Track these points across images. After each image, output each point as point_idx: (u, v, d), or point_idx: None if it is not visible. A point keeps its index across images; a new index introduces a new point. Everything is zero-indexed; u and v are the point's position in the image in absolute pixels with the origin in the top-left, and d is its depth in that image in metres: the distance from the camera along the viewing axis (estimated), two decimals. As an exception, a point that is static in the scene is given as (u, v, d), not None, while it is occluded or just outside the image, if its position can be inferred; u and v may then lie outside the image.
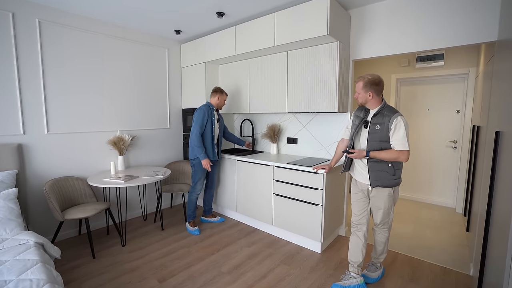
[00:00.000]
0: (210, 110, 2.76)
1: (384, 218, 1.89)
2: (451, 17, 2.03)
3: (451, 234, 2.81)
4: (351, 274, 1.92)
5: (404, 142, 1.69)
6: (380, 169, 1.78)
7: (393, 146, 1.73)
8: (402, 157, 1.70)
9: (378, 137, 1.76)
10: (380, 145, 1.76)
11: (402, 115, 1.73)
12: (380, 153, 1.74)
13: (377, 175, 1.79)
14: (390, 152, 1.72)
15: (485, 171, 1.83)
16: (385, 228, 1.94)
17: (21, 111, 2.37)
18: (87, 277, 2.05)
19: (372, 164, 1.80)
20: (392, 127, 1.70)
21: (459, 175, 3.47)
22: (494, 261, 1.39)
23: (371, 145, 1.79)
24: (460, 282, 2.00)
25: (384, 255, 2.00)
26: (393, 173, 1.78)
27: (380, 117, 1.76)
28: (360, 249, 1.93)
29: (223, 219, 3.13)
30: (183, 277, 2.06)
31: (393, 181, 1.79)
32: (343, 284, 1.88)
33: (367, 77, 1.77)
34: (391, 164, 1.77)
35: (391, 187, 1.80)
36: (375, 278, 2.00)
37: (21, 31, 2.33)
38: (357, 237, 1.95)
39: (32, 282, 1.27)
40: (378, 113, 1.78)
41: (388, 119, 1.72)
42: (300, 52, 2.57)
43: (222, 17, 2.71)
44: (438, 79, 3.61)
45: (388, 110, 1.76)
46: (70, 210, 2.37)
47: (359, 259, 1.92)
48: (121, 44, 3.01)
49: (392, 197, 1.84)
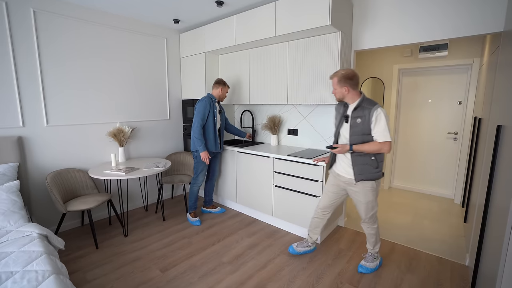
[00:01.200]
0: (212, 101, 2.74)
1: (368, 212, 1.94)
2: (457, 6, 1.98)
3: (449, 225, 2.85)
4: (309, 243, 2.25)
5: (385, 133, 1.72)
6: (364, 163, 1.81)
7: (375, 138, 1.76)
8: (384, 148, 1.74)
9: (360, 130, 1.78)
10: (363, 138, 1.79)
11: (382, 106, 1.75)
12: (363, 146, 1.77)
13: (361, 169, 1.82)
14: (373, 144, 1.75)
15: (485, 164, 1.84)
16: (372, 221, 1.99)
17: (19, 104, 2.35)
18: (90, 267, 2.10)
19: (356, 158, 1.83)
20: (373, 119, 1.73)
21: (459, 167, 3.49)
22: (490, 251, 1.42)
23: (354, 139, 1.81)
24: (456, 272, 2.05)
25: (378, 245, 2.05)
26: (376, 165, 1.81)
27: (360, 111, 1.78)
28: (319, 228, 2.19)
29: (224, 210, 3.17)
30: (185, 267, 2.11)
31: (376, 174, 1.83)
32: (299, 250, 2.22)
33: (341, 72, 1.81)
34: (374, 157, 1.80)
35: (374, 180, 1.84)
36: (373, 268, 2.05)
37: (16, 21, 2.28)
38: (321, 221, 2.16)
39: (37, 273, 1.30)
40: (358, 106, 1.79)
41: (368, 111, 1.74)
42: (301, 42, 2.52)
43: (221, 6, 2.64)
44: (441, 70, 3.56)
45: (367, 102, 1.78)
46: (72, 201, 2.39)
47: (316, 236, 2.21)
48: (119, 34, 2.95)
49: (375, 191, 1.89)
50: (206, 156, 2.68)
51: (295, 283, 1.92)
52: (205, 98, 2.73)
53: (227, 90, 2.88)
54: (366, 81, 4.10)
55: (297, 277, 1.98)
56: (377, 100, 4.02)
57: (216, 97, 2.81)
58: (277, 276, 2.00)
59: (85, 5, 2.64)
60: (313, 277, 1.98)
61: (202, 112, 2.67)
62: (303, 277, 1.99)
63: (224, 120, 3.00)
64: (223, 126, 2.99)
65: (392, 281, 1.94)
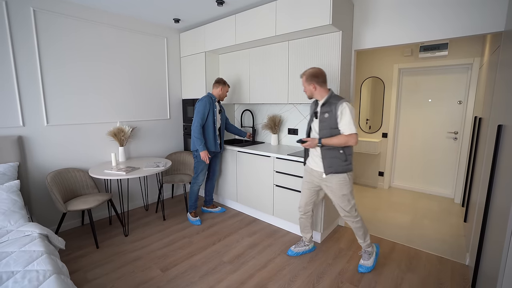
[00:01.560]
0: (212, 101, 2.74)
1: (346, 206, 1.96)
2: (458, 6, 1.98)
3: (449, 224, 2.86)
4: (305, 243, 2.28)
5: (351, 126, 1.81)
6: (333, 156, 1.89)
7: (342, 132, 1.85)
8: (351, 141, 1.81)
9: (328, 124, 1.87)
10: (331, 132, 1.87)
11: (348, 101, 1.88)
12: (331, 139, 1.85)
13: (330, 162, 1.89)
14: (340, 137, 1.83)
15: (486, 164, 1.84)
16: (353, 216, 1.98)
17: (19, 103, 2.35)
18: (91, 267, 2.09)
19: (325, 152, 1.90)
20: (339, 113, 1.82)
21: (459, 166, 3.49)
22: (491, 251, 1.42)
23: (323, 133, 1.90)
24: (456, 271, 2.05)
25: (368, 236, 2.05)
26: (344, 159, 1.88)
27: (328, 106, 1.87)
28: (309, 227, 2.24)
29: (224, 210, 3.17)
30: (185, 266, 2.11)
31: (345, 166, 1.90)
32: (297, 250, 2.24)
33: (308, 71, 1.93)
34: (343, 151, 1.87)
35: (344, 172, 1.90)
36: (372, 265, 2.06)
37: (16, 21, 2.28)
38: (306, 220, 2.22)
39: (38, 273, 1.30)
40: (326, 102, 1.89)
41: (334, 106, 1.84)
42: (302, 42, 2.52)
43: (222, 5, 2.64)
44: (441, 69, 3.56)
45: (334, 98, 1.88)
46: (73, 201, 2.39)
47: (309, 234, 2.26)
48: (119, 33, 2.95)
49: (347, 184, 1.93)
50: (206, 156, 2.68)
51: (296, 282, 1.92)
52: (205, 97, 2.72)
53: (228, 89, 2.87)
54: (366, 80, 4.10)
55: (297, 277, 1.98)
56: (377, 99, 4.03)
57: (216, 97, 2.81)
58: (277, 276, 2.00)
59: (85, 4, 2.63)
60: (314, 277, 1.99)
61: (202, 111, 2.66)
62: (304, 276, 1.99)
63: (224, 120, 3.00)
64: (223, 126, 2.98)
65: (392, 280, 1.94)
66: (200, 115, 2.66)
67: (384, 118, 4.00)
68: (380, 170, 4.11)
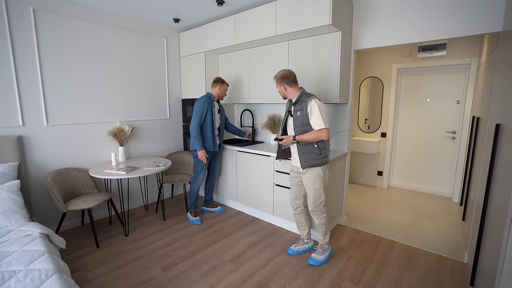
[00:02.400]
0: (210, 100, 2.74)
1: (316, 200, 2.05)
2: (456, 7, 2.00)
3: (448, 223, 2.88)
4: (304, 241, 2.30)
5: (320, 121, 1.89)
6: (308, 151, 1.98)
7: (313, 127, 1.93)
8: (322, 135, 1.90)
9: (301, 122, 1.97)
10: (305, 129, 1.97)
11: (317, 98, 1.94)
12: (304, 135, 1.94)
13: (305, 157, 1.99)
14: (312, 133, 1.93)
15: (484, 162, 1.86)
16: (320, 211, 2.09)
17: (19, 103, 2.34)
18: (92, 266, 2.10)
19: (301, 147, 2.00)
20: (309, 110, 1.92)
21: (457, 166, 3.52)
22: (489, 249, 1.44)
23: (297, 131, 2.00)
24: (455, 269, 2.07)
25: (328, 235, 2.15)
26: (319, 153, 1.97)
27: (299, 104, 1.97)
28: (304, 224, 2.26)
29: (224, 209, 3.17)
30: (186, 265, 2.11)
31: (320, 160, 1.98)
32: (297, 249, 2.26)
33: (278, 73, 2.04)
34: (317, 145, 1.97)
35: (319, 166, 1.99)
36: (323, 260, 2.13)
37: (15, 20, 2.27)
38: (299, 216, 2.26)
39: (40, 272, 1.31)
40: (298, 101, 1.99)
41: (305, 104, 1.93)
42: (302, 42, 2.53)
43: (222, 5, 2.64)
44: (439, 69, 3.58)
45: (305, 96, 1.98)
46: (73, 201, 2.39)
47: (305, 231, 2.28)
48: (119, 33, 2.95)
49: (322, 178, 2.02)
50: (204, 155, 2.69)
51: (296, 281, 1.93)
52: (203, 97, 2.73)
53: (226, 88, 2.87)
54: (365, 80, 4.12)
55: (298, 276, 2.00)
56: (376, 99, 4.05)
57: (215, 96, 2.81)
58: (278, 275, 2.01)
59: (85, 4, 2.63)
60: (314, 275, 2.00)
61: (200, 111, 2.67)
62: (304, 275, 2.00)
63: (224, 120, 3.00)
64: (222, 126, 2.99)
65: (392, 278, 1.96)
66: (198, 114, 2.67)
67: (383, 118, 4.02)
68: (379, 170, 4.13)
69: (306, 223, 2.28)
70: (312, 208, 2.08)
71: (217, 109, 2.84)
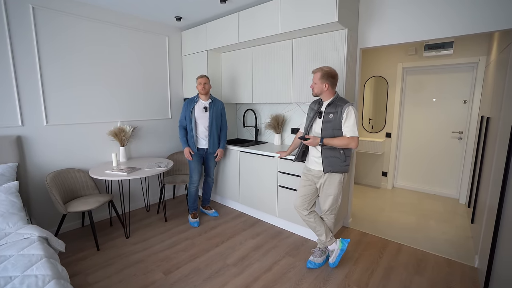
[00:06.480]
0: (191, 99, 2.77)
1: (332, 205, 2.01)
2: (466, 3, 1.93)
3: (455, 226, 2.81)
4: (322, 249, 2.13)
5: (354, 129, 1.84)
6: (333, 156, 1.91)
7: (344, 133, 1.87)
8: (352, 143, 1.83)
9: (332, 125, 1.89)
10: (333, 133, 1.90)
11: (353, 104, 1.88)
12: (333, 139, 1.87)
13: (330, 161, 1.92)
14: (342, 139, 1.85)
15: (496, 164, 1.79)
16: (332, 214, 2.07)
17: (18, 102, 2.29)
18: (92, 270, 2.05)
19: (326, 151, 1.92)
20: (344, 115, 1.84)
21: (464, 166, 3.45)
22: (505, 254, 1.37)
23: (325, 133, 1.92)
24: (466, 274, 2.01)
25: (330, 236, 2.08)
26: (344, 159, 1.91)
27: (333, 107, 1.89)
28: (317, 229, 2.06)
29: (217, 214, 3.04)
30: (188, 269, 2.06)
31: (344, 167, 1.93)
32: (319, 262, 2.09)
33: (325, 69, 1.90)
34: (343, 151, 1.91)
35: (342, 172, 1.94)
36: (321, 263, 2.08)
37: (14, 18, 2.22)
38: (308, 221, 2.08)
39: (37, 278, 1.25)
40: (332, 103, 1.91)
41: (340, 108, 1.86)
42: (306, 40, 2.47)
43: (224, 2, 2.59)
44: (446, 68, 3.51)
45: (340, 100, 1.91)
46: (73, 202, 2.34)
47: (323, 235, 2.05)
48: (120, 32, 2.90)
49: (342, 184, 1.98)
50: (187, 153, 2.71)
51: (302, 286, 1.88)
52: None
53: (199, 82, 2.68)
54: (369, 80, 4.05)
55: (303, 280, 1.94)
56: (381, 99, 3.98)
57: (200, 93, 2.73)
58: (283, 279, 1.95)
59: (85, 2, 2.58)
60: (320, 280, 1.94)
61: (182, 110, 2.78)
62: (310, 279, 1.95)
63: (215, 119, 2.75)
64: (213, 125, 2.75)
65: (401, 283, 1.90)
66: (181, 113, 2.78)
67: (388, 118, 3.96)
68: (383, 170, 4.06)
69: (320, 228, 2.04)
70: (326, 211, 2.04)
71: (203, 107, 2.73)
